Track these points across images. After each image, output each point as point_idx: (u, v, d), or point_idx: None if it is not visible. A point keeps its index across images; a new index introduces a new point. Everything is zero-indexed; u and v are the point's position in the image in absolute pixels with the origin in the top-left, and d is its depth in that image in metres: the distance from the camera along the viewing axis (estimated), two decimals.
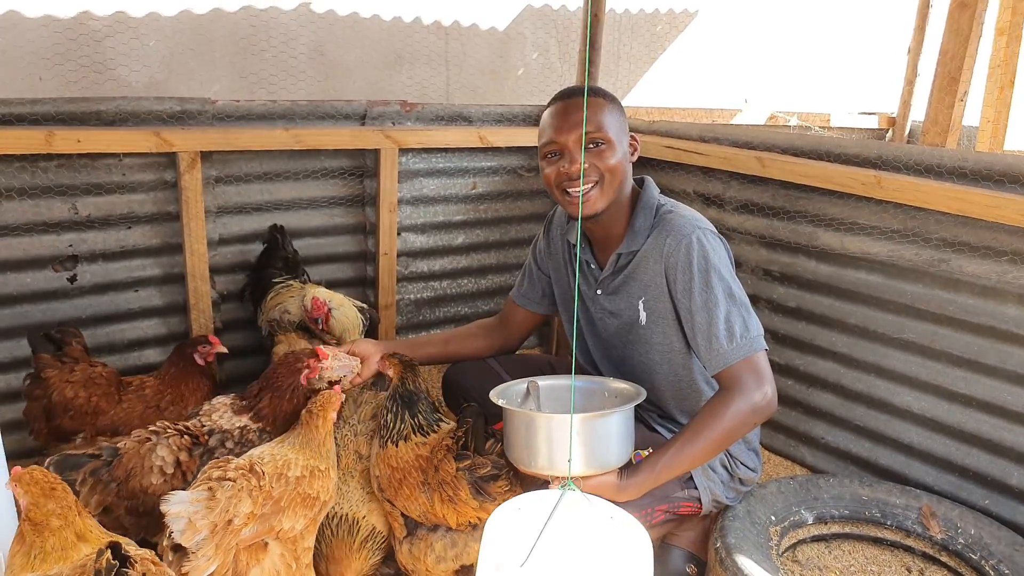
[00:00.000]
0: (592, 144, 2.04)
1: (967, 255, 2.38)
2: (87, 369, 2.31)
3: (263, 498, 1.78)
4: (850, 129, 5.24)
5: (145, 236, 2.80)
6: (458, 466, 1.92)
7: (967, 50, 3.25)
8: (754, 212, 2.96)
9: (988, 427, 2.40)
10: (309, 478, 1.89)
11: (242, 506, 1.73)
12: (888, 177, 2.48)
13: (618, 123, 2.09)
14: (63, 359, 2.30)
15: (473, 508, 1.92)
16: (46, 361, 2.29)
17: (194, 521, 1.65)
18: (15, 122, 2.49)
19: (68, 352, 2.32)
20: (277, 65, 3.86)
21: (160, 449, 1.95)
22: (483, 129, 3.33)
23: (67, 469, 1.84)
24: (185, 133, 2.68)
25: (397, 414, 2.09)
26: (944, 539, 2.28)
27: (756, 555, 2.00)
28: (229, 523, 1.70)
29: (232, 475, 1.77)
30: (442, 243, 3.47)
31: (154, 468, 1.93)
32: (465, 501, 1.91)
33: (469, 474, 1.91)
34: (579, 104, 2.02)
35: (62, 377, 2.27)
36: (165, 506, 1.65)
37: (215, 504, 1.70)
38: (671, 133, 3.28)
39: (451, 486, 1.92)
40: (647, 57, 5.24)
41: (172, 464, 1.95)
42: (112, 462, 1.92)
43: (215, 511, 1.69)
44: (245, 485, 1.76)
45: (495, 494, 1.91)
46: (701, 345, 2.01)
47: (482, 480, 1.91)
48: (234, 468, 1.79)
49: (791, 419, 2.93)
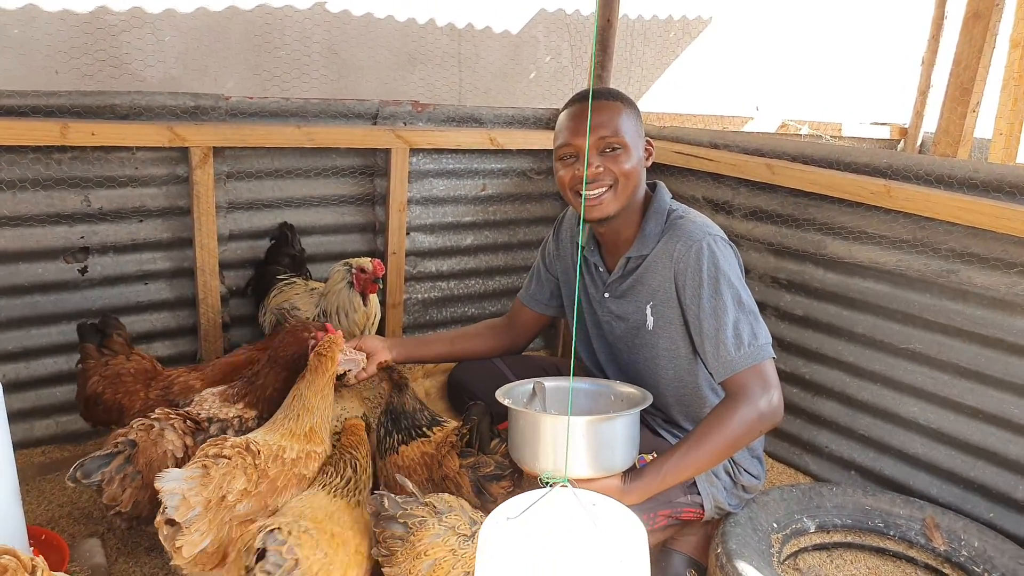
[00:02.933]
0: (608, 148, 2.04)
1: (976, 266, 2.37)
2: (121, 364, 2.31)
3: (258, 476, 1.82)
4: (861, 139, 5.23)
5: (156, 230, 2.82)
6: (462, 463, 1.93)
7: (980, 61, 3.24)
8: (762, 219, 2.96)
9: (995, 439, 2.39)
10: (305, 459, 1.94)
11: (236, 483, 1.78)
12: (898, 187, 2.47)
13: (635, 127, 2.10)
14: (103, 350, 2.32)
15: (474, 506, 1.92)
16: (88, 351, 2.32)
17: (188, 497, 1.70)
18: (31, 114, 2.52)
19: (108, 343, 2.33)
20: (291, 63, 3.88)
21: (168, 433, 1.98)
22: (494, 131, 3.34)
23: (93, 472, 1.86)
24: (198, 128, 2.70)
25: (386, 428, 2.15)
26: (947, 551, 2.27)
27: (757, 561, 1.99)
28: (223, 499, 1.75)
29: (228, 453, 1.82)
30: (450, 244, 3.48)
31: (168, 453, 1.96)
32: (467, 499, 1.92)
33: (472, 472, 1.92)
34: (597, 107, 2.03)
35: (96, 370, 2.29)
36: (159, 483, 1.70)
37: (209, 481, 1.74)
38: (681, 138, 3.28)
39: (454, 482, 1.93)
40: (659, 63, 5.24)
41: (181, 448, 1.97)
42: (131, 454, 1.94)
43: (209, 487, 1.73)
44: (240, 463, 1.81)
45: (496, 494, 1.92)
46: (708, 352, 2.00)
47: (484, 479, 1.92)
48: (230, 446, 1.84)
49: (795, 427, 2.93)
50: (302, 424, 2.01)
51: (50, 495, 2.48)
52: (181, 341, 2.99)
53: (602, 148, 2.04)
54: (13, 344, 2.64)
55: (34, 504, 2.42)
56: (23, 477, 2.03)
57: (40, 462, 2.65)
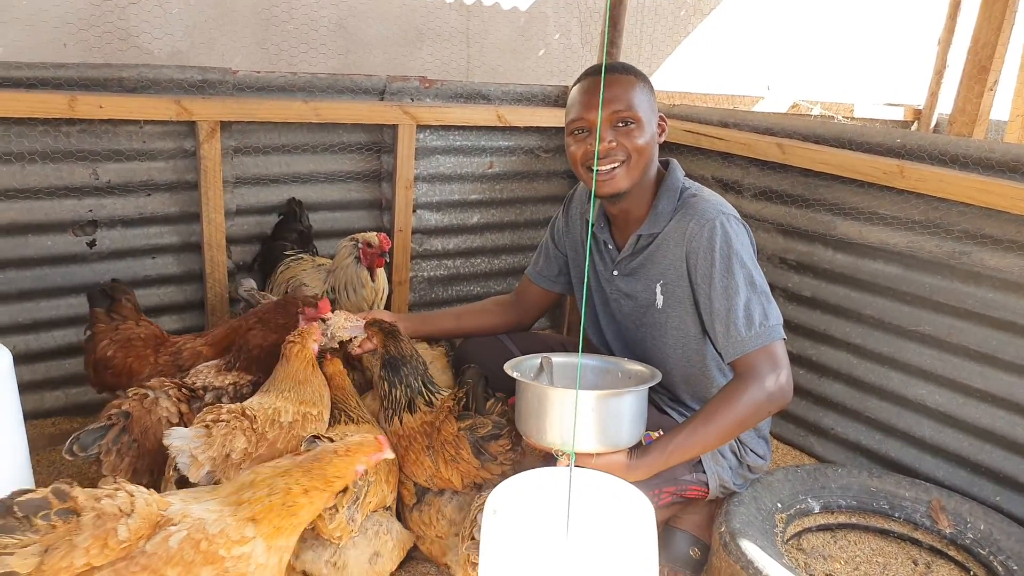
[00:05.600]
0: (621, 123, 2.02)
1: (990, 248, 2.35)
2: (131, 329, 2.32)
3: (256, 439, 1.85)
4: (874, 120, 5.17)
5: (164, 204, 2.82)
6: (460, 426, 1.94)
7: (999, 38, 3.18)
8: (772, 199, 2.93)
9: (1003, 423, 2.38)
10: (303, 422, 1.96)
11: (237, 442, 1.81)
12: (911, 167, 2.44)
13: (648, 102, 2.07)
14: (112, 315, 2.33)
15: (475, 468, 1.94)
16: (98, 316, 2.32)
17: (196, 455, 1.74)
18: (39, 86, 2.51)
19: (117, 308, 2.34)
20: (298, 38, 3.84)
21: (163, 401, 2.00)
22: (502, 108, 3.31)
23: (89, 445, 1.87)
24: (205, 102, 2.69)
25: (390, 382, 2.12)
26: (953, 533, 2.26)
27: (760, 540, 1.99)
28: (227, 457, 1.79)
29: (225, 417, 1.85)
30: (457, 222, 3.47)
31: (162, 420, 1.97)
32: (467, 461, 1.94)
33: (470, 434, 1.94)
34: (610, 80, 2.00)
35: (106, 334, 2.30)
36: (168, 440, 1.75)
37: (213, 440, 1.78)
38: (691, 117, 3.25)
39: (453, 446, 1.95)
40: (670, 41, 5.17)
41: (176, 415, 1.99)
42: (126, 425, 1.95)
43: (213, 446, 1.77)
44: (238, 425, 1.84)
45: (496, 453, 1.94)
46: (719, 331, 1.99)
47: (483, 440, 1.93)
48: (227, 411, 1.88)
49: (801, 408, 2.92)
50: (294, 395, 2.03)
51: (60, 465, 2.51)
52: (188, 315, 3.00)
53: (615, 122, 2.02)
54: (23, 316, 2.65)
55: (44, 475, 2.44)
56: (34, 448, 2.06)
57: (50, 433, 2.68)
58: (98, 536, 1.32)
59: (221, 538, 1.42)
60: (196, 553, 1.38)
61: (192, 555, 1.38)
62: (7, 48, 3.13)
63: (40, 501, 1.31)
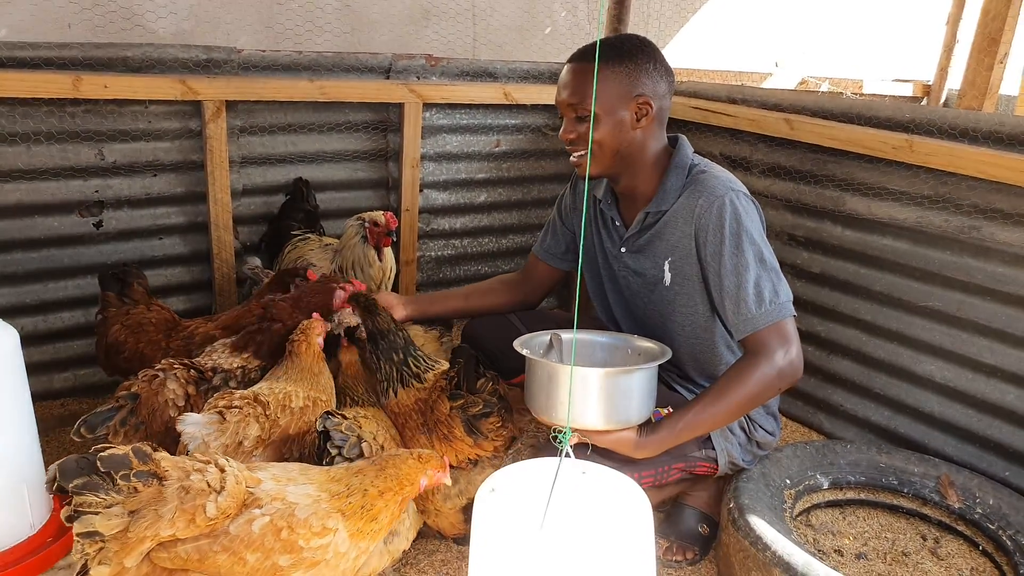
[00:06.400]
0: (576, 116, 2.04)
1: (999, 222, 2.33)
2: (143, 313, 2.32)
3: (270, 425, 1.85)
4: (883, 96, 5.12)
5: (170, 184, 2.81)
6: (452, 405, 1.95)
7: (1009, 10, 3.13)
8: (781, 175, 2.91)
9: (1012, 398, 2.38)
10: (312, 407, 1.96)
11: (250, 430, 1.81)
12: (920, 141, 2.42)
13: (617, 89, 2.01)
14: (124, 299, 2.33)
15: (468, 445, 1.96)
16: (110, 300, 2.33)
17: (208, 442, 1.73)
18: (43, 66, 2.50)
19: (129, 292, 2.34)
20: (304, 16, 3.82)
21: (170, 383, 1.99)
22: (508, 86, 3.29)
23: (97, 427, 1.88)
24: (211, 82, 2.68)
25: (376, 356, 2.12)
26: (961, 508, 2.27)
27: (769, 516, 2.00)
28: (239, 445, 1.78)
29: (238, 403, 1.84)
30: (464, 201, 3.46)
31: (168, 402, 1.97)
32: (460, 439, 1.95)
33: (462, 412, 1.95)
34: (571, 69, 2.04)
35: (118, 319, 2.30)
36: (180, 426, 1.74)
37: (226, 427, 1.78)
38: (698, 93, 3.22)
39: (446, 425, 1.97)
40: (678, 17, 5.13)
41: (183, 397, 1.99)
42: (134, 407, 1.96)
43: (226, 434, 1.77)
44: (251, 412, 1.83)
45: (487, 431, 1.96)
46: (729, 309, 1.98)
47: (474, 418, 1.95)
48: (239, 398, 1.87)
49: (810, 385, 2.92)
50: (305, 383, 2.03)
51: (69, 446, 2.51)
52: (196, 296, 3.01)
53: (572, 115, 2.05)
54: (31, 297, 2.66)
55: (53, 455, 2.45)
56: (42, 428, 2.06)
57: (59, 414, 2.69)
58: (186, 511, 1.35)
59: (303, 527, 1.44)
60: (276, 540, 1.42)
61: (272, 542, 1.42)
62: (11, 28, 3.13)
63: (122, 458, 1.33)
